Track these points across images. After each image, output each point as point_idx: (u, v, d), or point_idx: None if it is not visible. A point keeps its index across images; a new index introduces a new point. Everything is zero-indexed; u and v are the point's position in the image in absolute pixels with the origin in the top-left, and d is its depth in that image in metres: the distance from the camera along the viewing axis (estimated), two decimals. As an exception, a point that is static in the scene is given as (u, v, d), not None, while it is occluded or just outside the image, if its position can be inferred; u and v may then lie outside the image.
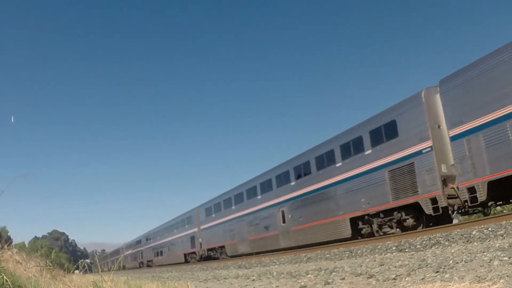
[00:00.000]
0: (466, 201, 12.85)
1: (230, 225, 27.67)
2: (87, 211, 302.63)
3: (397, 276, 6.32)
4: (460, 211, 14.38)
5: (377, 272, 7.14)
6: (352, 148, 17.19)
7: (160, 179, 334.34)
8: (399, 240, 12.30)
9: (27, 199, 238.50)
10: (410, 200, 14.57)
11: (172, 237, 40.26)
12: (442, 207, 13.50)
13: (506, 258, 5.61)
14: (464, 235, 9.87)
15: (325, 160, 18.77)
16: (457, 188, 13.33)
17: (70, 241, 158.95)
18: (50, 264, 11.77)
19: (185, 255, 36.47)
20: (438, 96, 14.20)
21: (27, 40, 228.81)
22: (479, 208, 13.94)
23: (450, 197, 13.51)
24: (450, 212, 14.23)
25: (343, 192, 17.60)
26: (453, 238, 10.04)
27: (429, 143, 14.05)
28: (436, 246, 9.76)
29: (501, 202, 13.93)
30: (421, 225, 14.96)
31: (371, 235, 16.36)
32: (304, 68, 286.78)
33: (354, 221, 17.11)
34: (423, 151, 14.18)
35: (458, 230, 11.03)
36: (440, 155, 13.86)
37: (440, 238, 10.54)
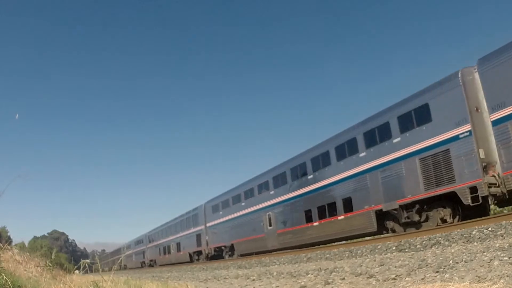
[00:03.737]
0: None
1: (156, 248, 49.87)
2: (90, 211, 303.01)
3: (397, 276, 6.33)
4: None
5: (377, 272, 7.15)
6: (192, 221, 37.14)
7: (162, 178, 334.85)
8: (399, 240, 12.30)
9: (27, 199, 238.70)
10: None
11: (134, 250, 62.50)
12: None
13: (506, 258, 5.61)
14: (464, 235, 9.87)
15: (185, 223, 38.70)
16: None
17: (70, 241, 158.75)
18: (50, 264, 11.77)
19: (141, 263, 58.10)
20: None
21: (26, 38, 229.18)
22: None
23: None
24: None
25: (185, 239, 38.57)
26: (453, 238, 10.04)
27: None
28: (436, 246, 9.75)
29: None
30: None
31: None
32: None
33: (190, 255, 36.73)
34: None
35: (458, 230, 11.02)
36: None
37: (440, 238, 10.53)
